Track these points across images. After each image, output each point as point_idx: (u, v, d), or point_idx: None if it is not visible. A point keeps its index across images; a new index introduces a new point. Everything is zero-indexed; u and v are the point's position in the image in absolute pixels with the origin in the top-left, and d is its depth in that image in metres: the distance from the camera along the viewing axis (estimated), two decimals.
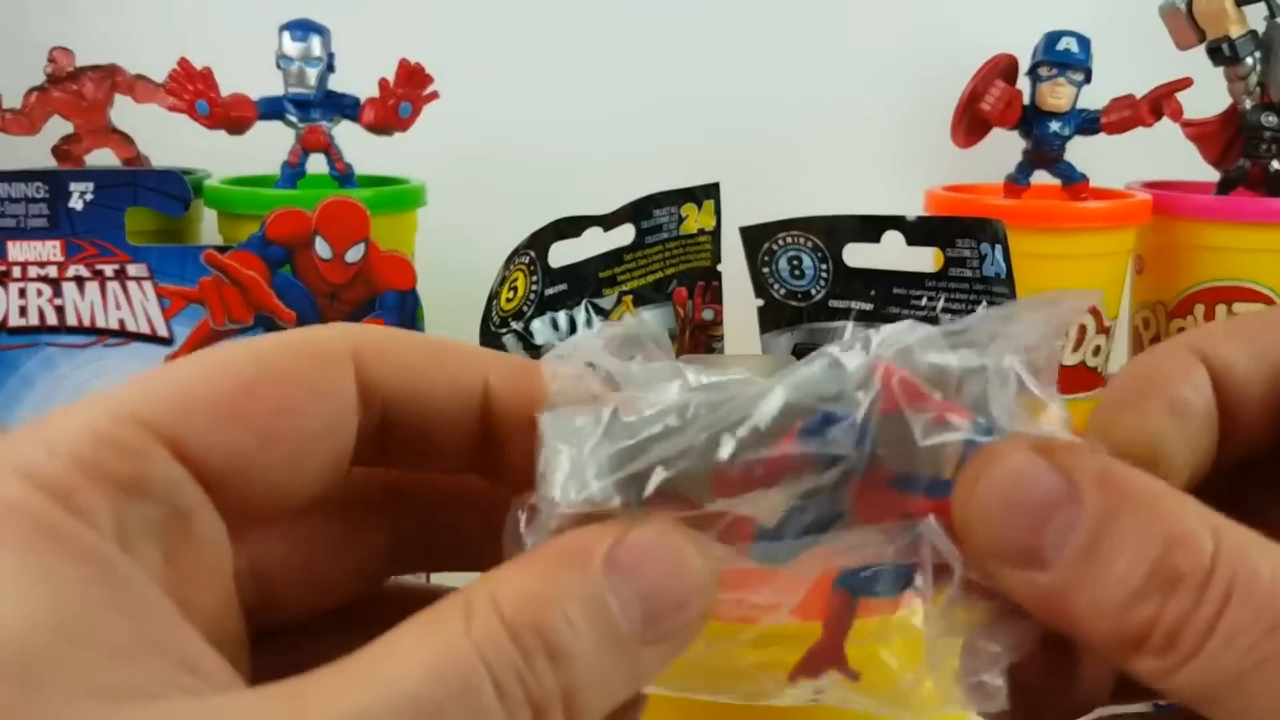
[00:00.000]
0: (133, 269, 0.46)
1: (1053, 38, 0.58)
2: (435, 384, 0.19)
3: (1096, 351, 0.57)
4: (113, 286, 0.47)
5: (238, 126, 0.54)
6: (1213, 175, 0.62)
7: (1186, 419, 0.20)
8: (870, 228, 0.46)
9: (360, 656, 0.15)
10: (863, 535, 0.18)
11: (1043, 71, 0.58)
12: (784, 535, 0.18)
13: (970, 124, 0.61)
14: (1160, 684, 0.17)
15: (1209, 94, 0.59)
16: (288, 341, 0.18)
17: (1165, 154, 0.62)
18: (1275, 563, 0.17)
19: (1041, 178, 0.60)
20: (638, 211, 0.47)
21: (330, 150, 0.55)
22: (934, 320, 0.44)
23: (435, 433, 0.19)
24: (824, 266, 0.47)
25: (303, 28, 0.53)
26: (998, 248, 0.42)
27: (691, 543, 0.17)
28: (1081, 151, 0.60)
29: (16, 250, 0.46)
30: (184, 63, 0.53)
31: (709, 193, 0.50)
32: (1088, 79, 0.58)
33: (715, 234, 0.51)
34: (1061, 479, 0.17)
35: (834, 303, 0.47)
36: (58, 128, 0.56)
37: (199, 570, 0.17)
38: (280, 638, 0.20)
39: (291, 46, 0.53)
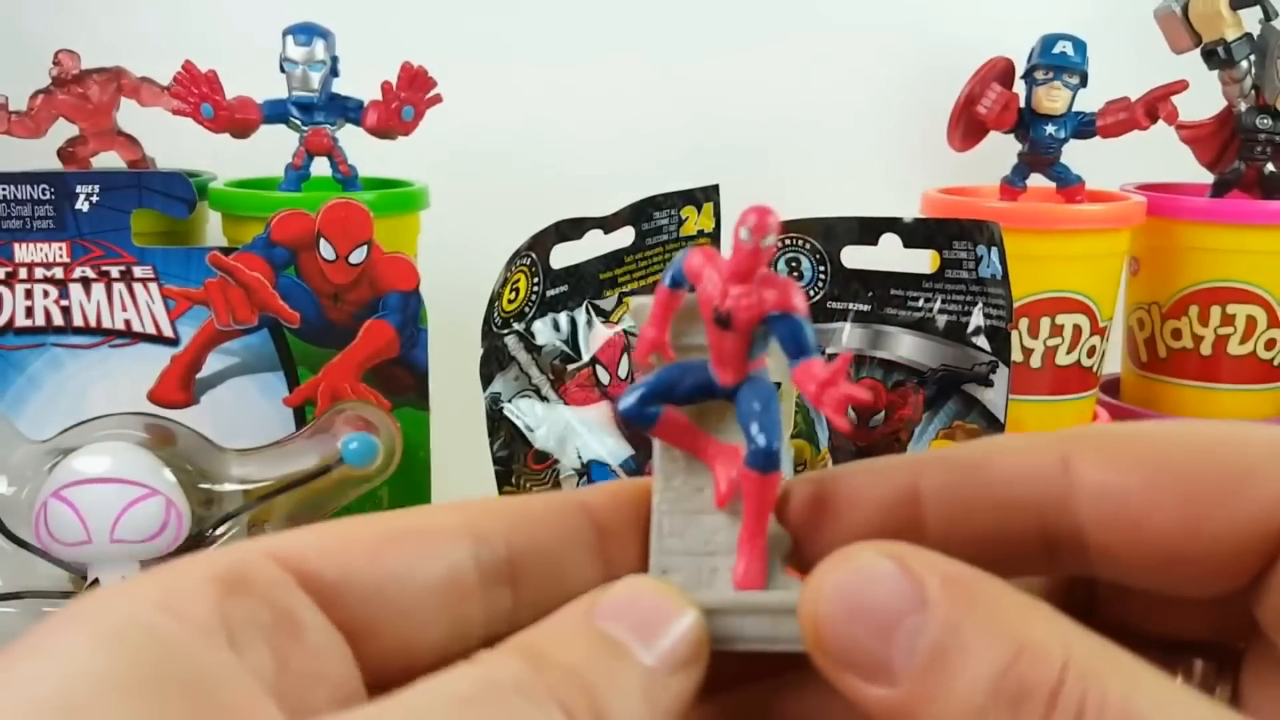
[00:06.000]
0: (138, 270, 0.47)
1: (1049, 41, 0.59)
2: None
3: (1091, 352, 0.58)
4: (118, 288, 0.47)
5: (242, 129, 0.54)
6: (1207, 178, 0.62)
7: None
8: (868, 230, 0.46)
9: None
10: None
11: (1039, 74, 0.59)
12: None
13: (967, 127, 0.61)
14: None
15: (1204, 97, 0.60)
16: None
17: (1160, 157, 0.63)
18: (1128, 680, 0.15)
19: (1037, 180, 0.61)
20: (638, 213, 0.47)
21: (334, 153, 0.55)
22: (931, 320, 0.45)
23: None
24: (822, 268, 0.47)
25: (306, 31, 0.54)
26: (994, 250, 0.43)
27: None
28: (1077, 154, 0.60)
29: (23, 251, 0.46)
30: (189, 66, 0.53)
31: (709, 195, 0.50)
32: (1084, 82, 0.59)
33: (715, 236, 0.51)
34: (909, 582, 0.16)
35: (832, 304, 0.47)
36: (63, 130, 0.56)
37: (314, 675, 0.16)
38: None
39: (295, 50, 0.54)
